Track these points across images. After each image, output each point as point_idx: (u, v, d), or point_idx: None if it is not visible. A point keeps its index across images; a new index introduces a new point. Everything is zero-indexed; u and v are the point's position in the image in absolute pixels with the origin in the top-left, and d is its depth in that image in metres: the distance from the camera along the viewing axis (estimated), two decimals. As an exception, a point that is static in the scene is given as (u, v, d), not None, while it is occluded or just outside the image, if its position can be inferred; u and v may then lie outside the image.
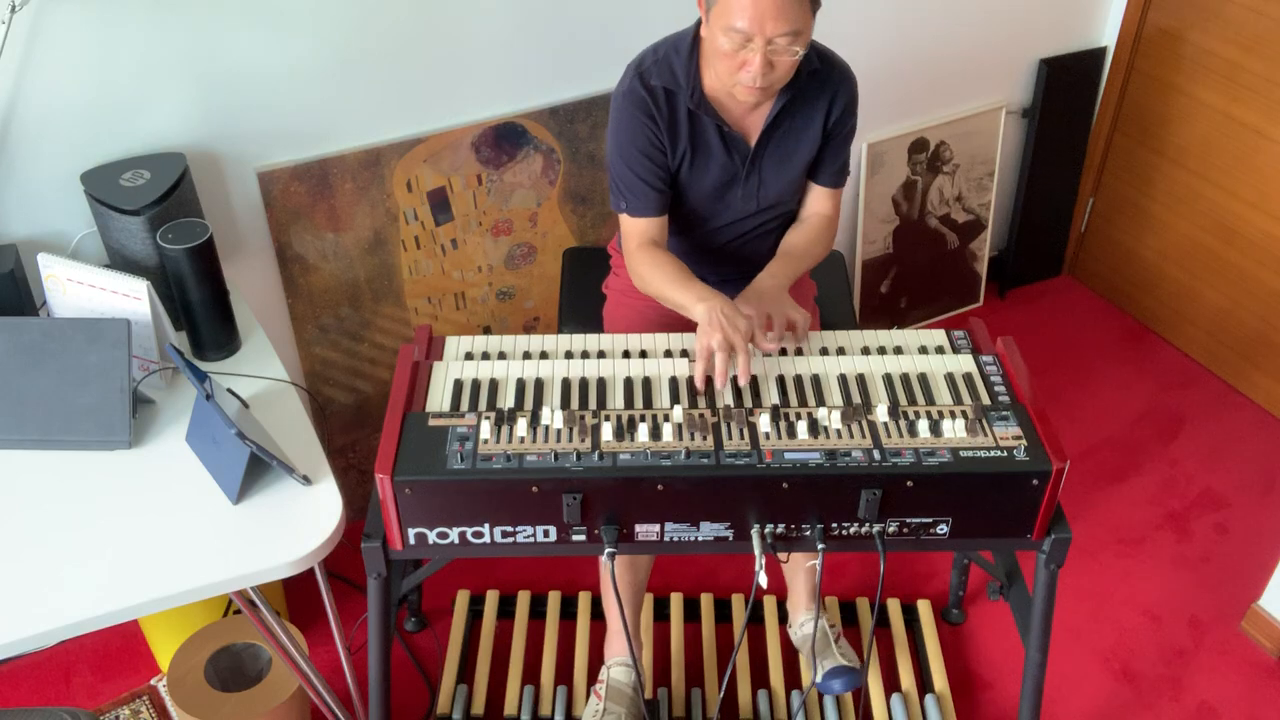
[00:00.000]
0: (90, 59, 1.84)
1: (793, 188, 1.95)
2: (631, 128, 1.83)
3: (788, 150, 1.89)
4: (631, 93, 1.82)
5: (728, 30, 1.66)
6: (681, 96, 1.82)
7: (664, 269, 1.82)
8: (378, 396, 2.46)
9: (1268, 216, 2.79)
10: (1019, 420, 1.63)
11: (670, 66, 1.81)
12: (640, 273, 1.87)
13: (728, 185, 1.91)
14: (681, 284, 1.78)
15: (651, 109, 1.81)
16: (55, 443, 1.66)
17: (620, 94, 1.84)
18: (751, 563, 1.59)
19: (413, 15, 2.09)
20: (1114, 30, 3.02)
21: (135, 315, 1.71)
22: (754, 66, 1.69)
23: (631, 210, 1.88)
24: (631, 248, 1.89)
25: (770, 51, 1.68)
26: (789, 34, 1.65)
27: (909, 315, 3.18)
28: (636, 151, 1.83)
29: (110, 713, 2.17)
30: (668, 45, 1.84)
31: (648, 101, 1.81)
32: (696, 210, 1.94)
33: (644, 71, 1.83)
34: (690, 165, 1.87)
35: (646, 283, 1.86)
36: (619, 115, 1.84)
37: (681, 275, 1.80)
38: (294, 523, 1.55)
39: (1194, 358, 3.12)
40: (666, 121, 1.82)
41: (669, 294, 1.80)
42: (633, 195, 1.86)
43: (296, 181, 2.13)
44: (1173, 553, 2.56)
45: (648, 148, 1.83)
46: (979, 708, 2.23)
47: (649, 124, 1.82)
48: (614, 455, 1.56)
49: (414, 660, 2.31)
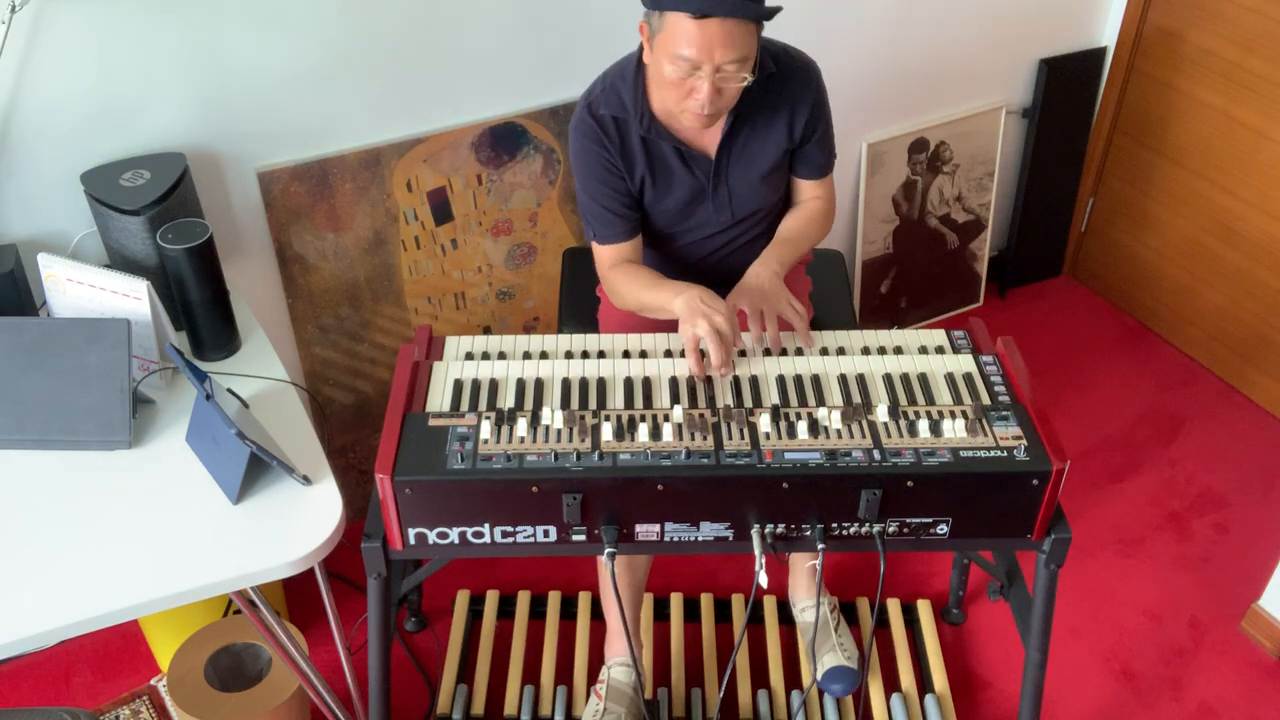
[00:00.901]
0: (90, 59, 1.84)
1: (765, 192, 1.93)
2: (586, 159, 1.83)
3: (751, 157, 1.88)
4: (581, 124, 1.83)
5: (674, 58, 1.64)
6: (632, 123, 1.81)
7: (636, 278, 1.82)
8: (378, 396, 2.46)
9: (1268, 216, 2.79)
10: (1019, 420, 1.63)
11: (618, 94, 1.80)
12: (616, 289, 1.87)
13: (696, 201, 1.90)
14: (655, 285, 1.78)
15: (602, 138, 1.81)
16: (55, 443, 1.66)
17: (572, 128, 1.85)
18: (751, 563, 1.59)
19: (413, 15, 2.09)
20: (1114, 30, 3.02)
21: (135, 315, 1.71)
22: (702, 94, 1.67)
23: (600, 238, 1.89)
24: (604, 271, 1.90)
25: (718, 79, 1.66)
26: (737, 60, 1.64)
27: (909, 315, 3.18)
28: (595, 181, 1.84)
29: (110, 713, 2.17)
30: (614, 74, 1.83)
31: (597, 130, 1.81)
32: (667, 228, 1.94)
33: (592, 102, 1.82)
34: (652, 187, 1.87)
35: (623, 297, 1.86)
36: (574, 148, 1.85)
37: (654, 278, 1.80)
38: (294, 523, 1.55)
39: (1194, 358, 3.12)
40: (619, 149, 1.82)
41: (645, 299, 1.79)
42: (599, 224, 1.87)
43: (296, 181, 2.13)
44: (1173, 553, 2.56)
45: (605, 175, 1.83)
46: (979, 708, 2.23)
47: (602, 153, 1.82)
48: (614, 455, 1.56)
49: (414, 660, 2.31)
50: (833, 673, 2.09)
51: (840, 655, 2.11)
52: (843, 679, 2.09)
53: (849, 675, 2.08)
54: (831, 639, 2.13)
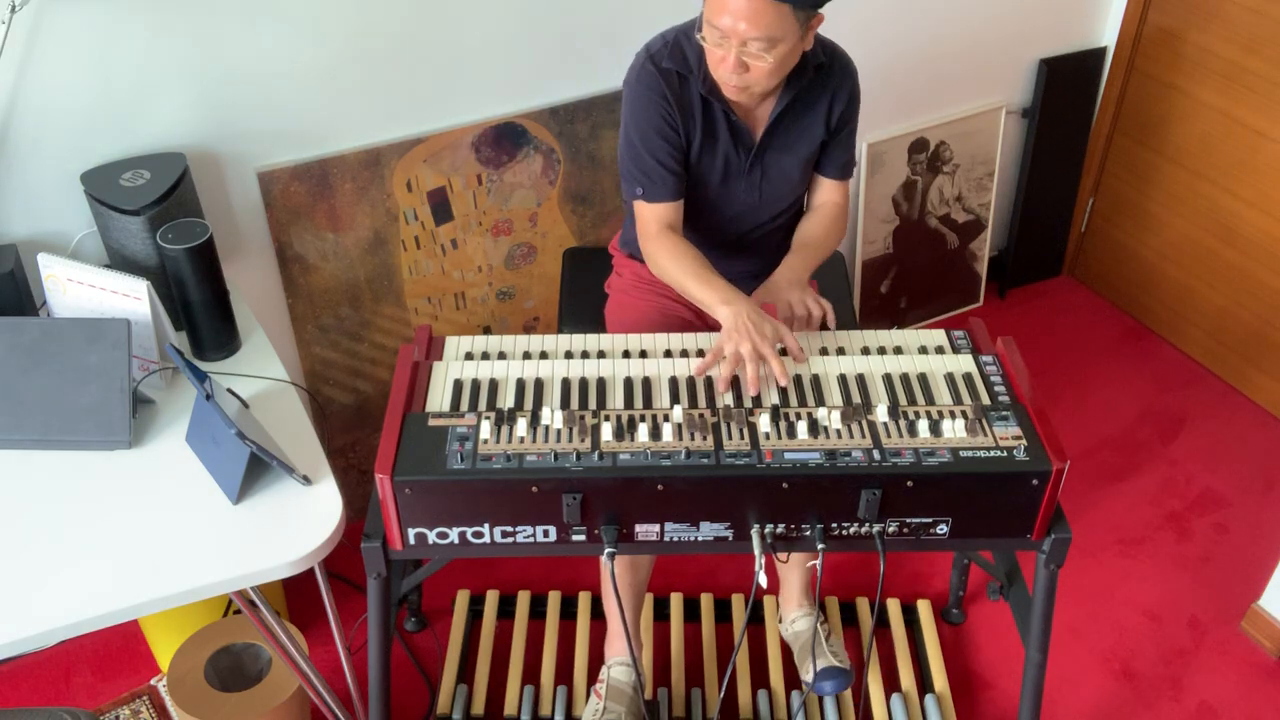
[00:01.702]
0: (90, 59, 1.84)
1: (794, 182, 1.94)
2: (647, 109, 1.81)
3: (790, 144, 1.89)
4: (644, 73, 1.81)
5: (709, 25, 1.68)
6: (693, 81, 1.81)
7: (684, 260, 1.80)
8: (378, 396, 2.46)
9: (1268, 216, 2.79)
10: (1019, 420, 1.62)
11: (682, 50, 1.81)
12: (659, 261, 1.84)
13: (732, 176, 1.90)
14: (704, 280, 1.77)
15: (664, 89, 1.80)
16: (55, 443, 1.66)
17: (632, 78, 1.83)
18: (751, 563, 1.59)
19: (413, 15, 2.09)
20: (1114, 30, 3.02)
21: (135, 315, 1.71)
22: (728, 64, 1.69)
23: (649, 195, 1.85)
24: (650, 232, 1.86)
25: (743, 53, 1.68)
26: (762, 40, 1.65)
27: (909, 315, 3.18)
28: (653, 132, 1.81)
29: (110, 713, 2.17)
30: (678, 31, 1.84)
31: (659, 80, 1.80)
32: (704, 199, 1.92)
33: (654, 55, 1.82)
34: (701, 150, 1.86)
35: (666, 272, 1.84)
36: (633, 98, 1.83)
37: (703, 270, 1.78)
38: (294, 523, 1.55)
39: (1194, 358, 3.12)
40: (679, 102, 1.81)
41: (690, 287, 1.78)
42: (649, 180, 1.84)
43: (296, 181, 2.13)
44: (1173, 553, 2.56)
45: (663, 128, 1.81)
46: (979, 708, 2.23)
47: (663, 103, 1.80)
48: (614, 455, 1.56)
49: (414, 660, 2.31)
50: (824, 673, 2.09)
51: (831, 659, 2.11)
52: (834, 677, 2.08)
53: (840, 674, 2.08)
54: (823, 645, 2.13)
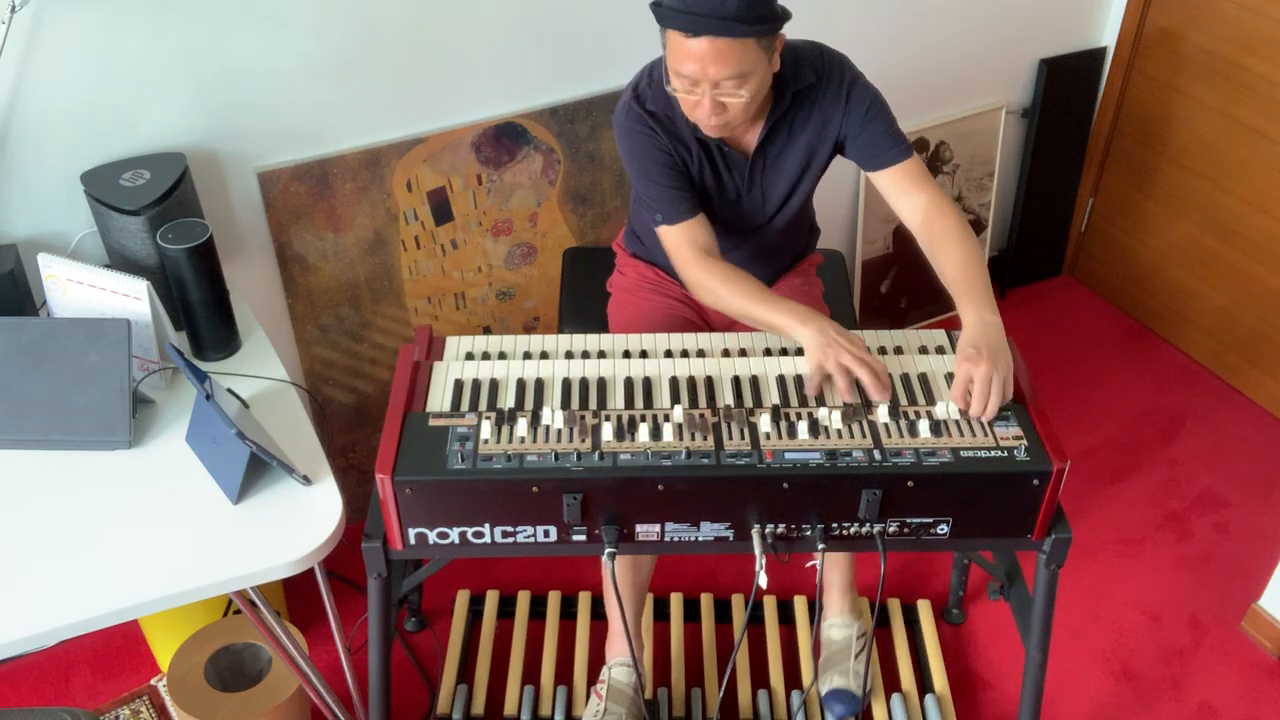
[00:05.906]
0: (90, 59, 1.84)
1: (797, 197, 1.93)
2: (639, 142, 1.82)
3: (784, 165, 1.88)
4: (630, 112, 1.82)
5: (676, 74, 1.67)
6: (679, 119, 1.81)
7: (738, 285, 1.77)
8: (378, 396, 2.46)
9: (1268, 216, 2.79)
10: (1019, 420, 1.62)
11: (664, 93, 1.78)
12: (712, 289, 1.79)
13: (735, 193, 1.91)
14: (769, 303, 1.74)
15: (652, 124, 1.81)
16: (55, 443, 1.66)
17: (620, 118, 1.84)
18: (752, 563, 1.59)
19: (413, 15, 2.09)
20: (1114, 30, 3.02)
21: (135, 315, 1.71)
22: (704, 108, 1.68)
23: (668, 218, 1.83)
24: (688, 259, 1.82)
25: (717, 94, 1.66)
26: (734, 77, 1.64)
27: (909, 315, 3.18)
28: (651, 163, 1.82)
29: (110, 713, 2.17)
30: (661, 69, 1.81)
31: (646, 119, 1.81)
32: (719, 215, 1.92)
33: (640, 95, 1.83)
34: (700, 172, 1.86)
35: (721, 300, 1.79)
36: (625, 135, 1.84)
37: (763, 294, 1.76)
38: (294, 523, 1.55)
39: (1194, 358, 3.12)
40: (669, 134, 1.82)
41: (754, 313, 1.74)
42: (663, 204, 1.83)
43: (296, 181, 2.13)
44: (1173, 553, 2.56)
45: (658, 155, 1.82)
46: (979, 708, 2.23)
47: (653, 136, 1.81)
48: (614, 455, 1.56)
49: (414, 660, 2.31)
50: (835, 694, 2.09)
51: (849, 679, 2.10)
52: (843, 701, 2.09)
53: (851, 700, 2.08)
54: (848, 663, 2.12)
